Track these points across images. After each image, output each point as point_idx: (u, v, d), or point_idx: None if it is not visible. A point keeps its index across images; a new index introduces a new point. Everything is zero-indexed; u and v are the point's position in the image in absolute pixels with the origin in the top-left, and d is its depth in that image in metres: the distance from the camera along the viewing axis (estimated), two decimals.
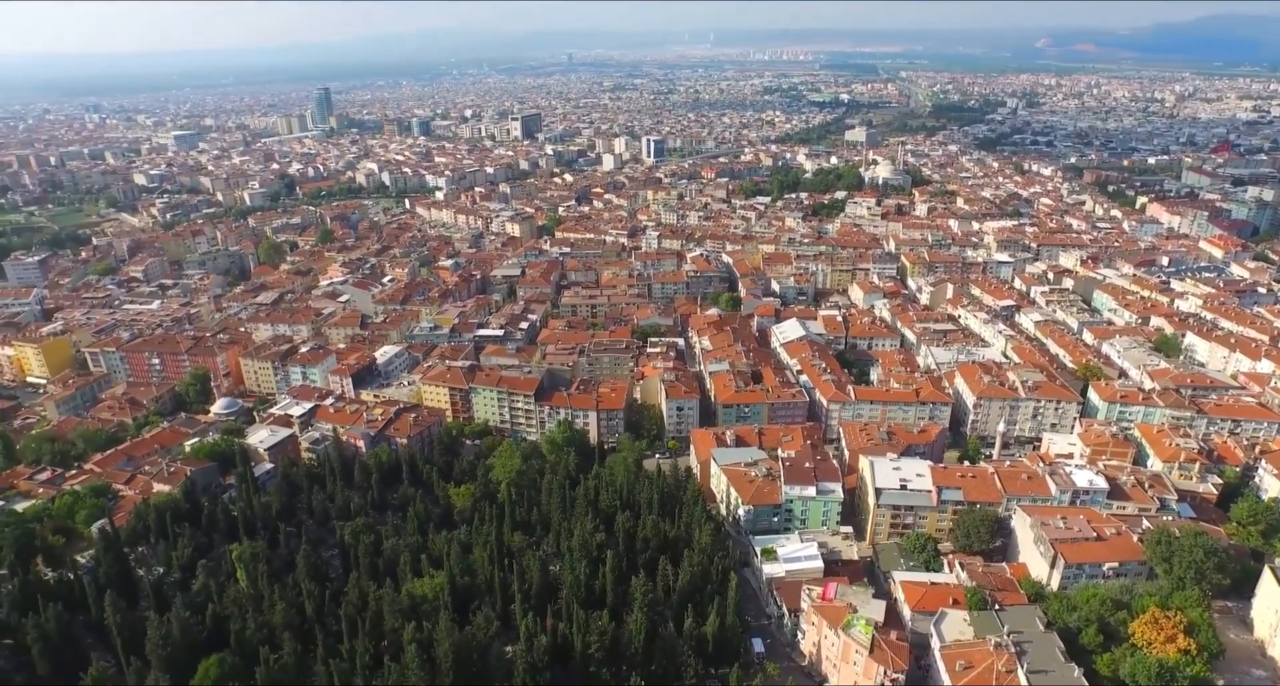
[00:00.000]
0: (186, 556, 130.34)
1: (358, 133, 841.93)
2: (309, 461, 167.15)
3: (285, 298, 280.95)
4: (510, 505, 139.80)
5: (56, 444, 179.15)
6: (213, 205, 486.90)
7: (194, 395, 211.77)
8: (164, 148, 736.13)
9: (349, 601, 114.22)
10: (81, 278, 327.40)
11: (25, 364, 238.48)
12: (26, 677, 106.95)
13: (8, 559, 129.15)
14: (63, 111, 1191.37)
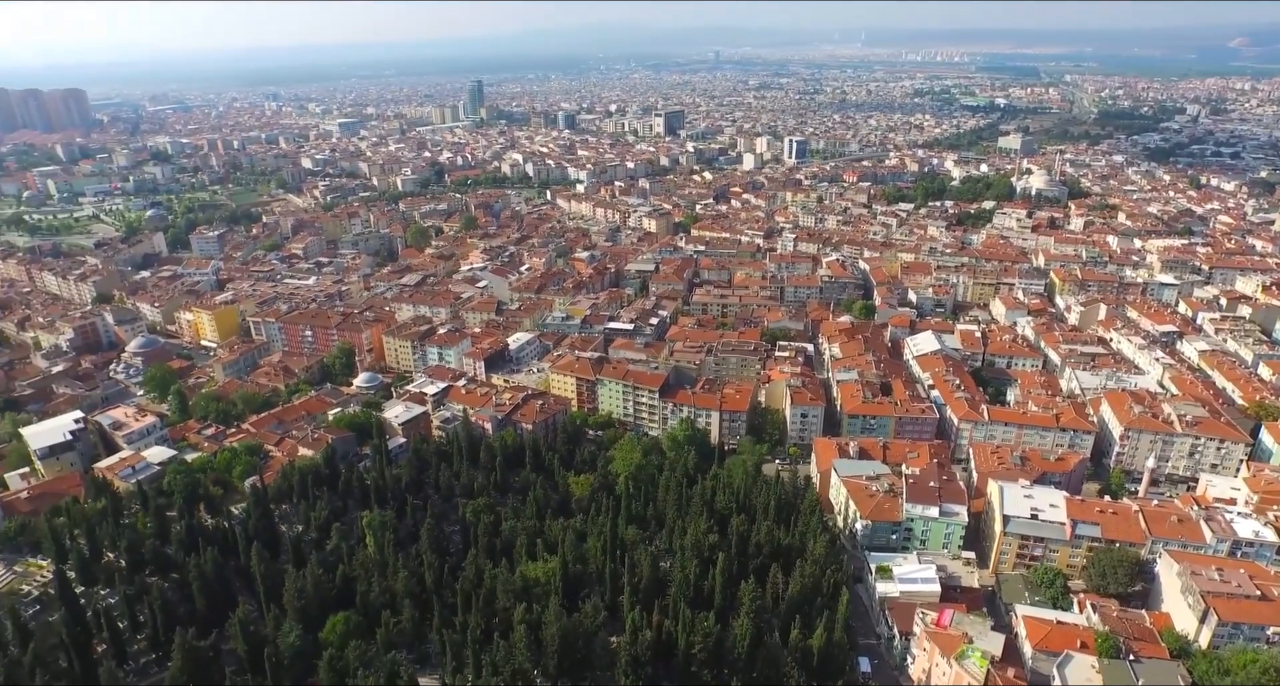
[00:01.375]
0: (323, 518, 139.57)
1: (506, 124, 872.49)
2: (439, 439, 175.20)
3: (428, 280, 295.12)
4: (627, 498, 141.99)
5: (221, 403, 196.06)
6: (368, 189, 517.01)
7: (339, 367, 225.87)
8: (329, 134, 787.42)
9: (466, 577, 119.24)
10: (251, 252, 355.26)
11: (201, 328, 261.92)
12: (187, 609, 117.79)
13: (178, 503, 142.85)
14: (248, 100, 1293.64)
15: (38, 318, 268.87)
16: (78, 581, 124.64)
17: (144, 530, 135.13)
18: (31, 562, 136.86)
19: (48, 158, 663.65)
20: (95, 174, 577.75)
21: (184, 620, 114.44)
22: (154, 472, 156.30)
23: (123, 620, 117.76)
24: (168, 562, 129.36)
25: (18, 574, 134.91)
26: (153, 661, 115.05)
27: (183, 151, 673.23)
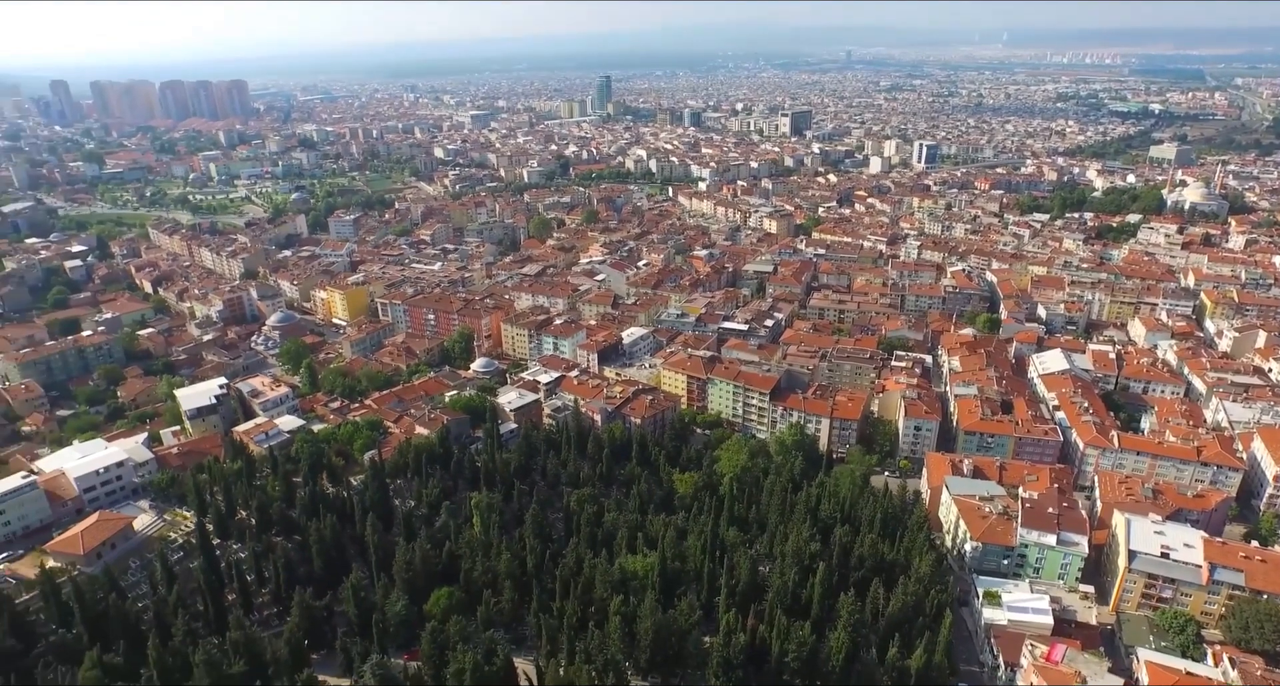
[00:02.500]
0: (434, 495, 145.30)
1: (631, 120, 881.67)
2: (549, 427, 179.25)
3: (548, 271, 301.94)
4: (730, 499, 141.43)
5: (347, 379, 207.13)
6: (495, 180, 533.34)
7: (458, 351, 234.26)
8: (461, 125, 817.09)
9: (566, 564, 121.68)
10: (383, 237, 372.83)
11: (333, 306, 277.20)
12: (306, 570, 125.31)
13: (304, 470, 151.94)
14: (388, 91, 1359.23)
15: (194, 289, 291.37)
16: (215, 534, 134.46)
17: (273, 492, 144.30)
18: (178, 513, 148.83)
19: (211, 143, 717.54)
20: (250, 158, 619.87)
21: (303, 580, 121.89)
22: (284, 440, 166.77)
23: (250, 574, 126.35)
24: (291, 525, 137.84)
25: (167, 522, 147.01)
26: (274, 614, 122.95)
27: (327, 139, 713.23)
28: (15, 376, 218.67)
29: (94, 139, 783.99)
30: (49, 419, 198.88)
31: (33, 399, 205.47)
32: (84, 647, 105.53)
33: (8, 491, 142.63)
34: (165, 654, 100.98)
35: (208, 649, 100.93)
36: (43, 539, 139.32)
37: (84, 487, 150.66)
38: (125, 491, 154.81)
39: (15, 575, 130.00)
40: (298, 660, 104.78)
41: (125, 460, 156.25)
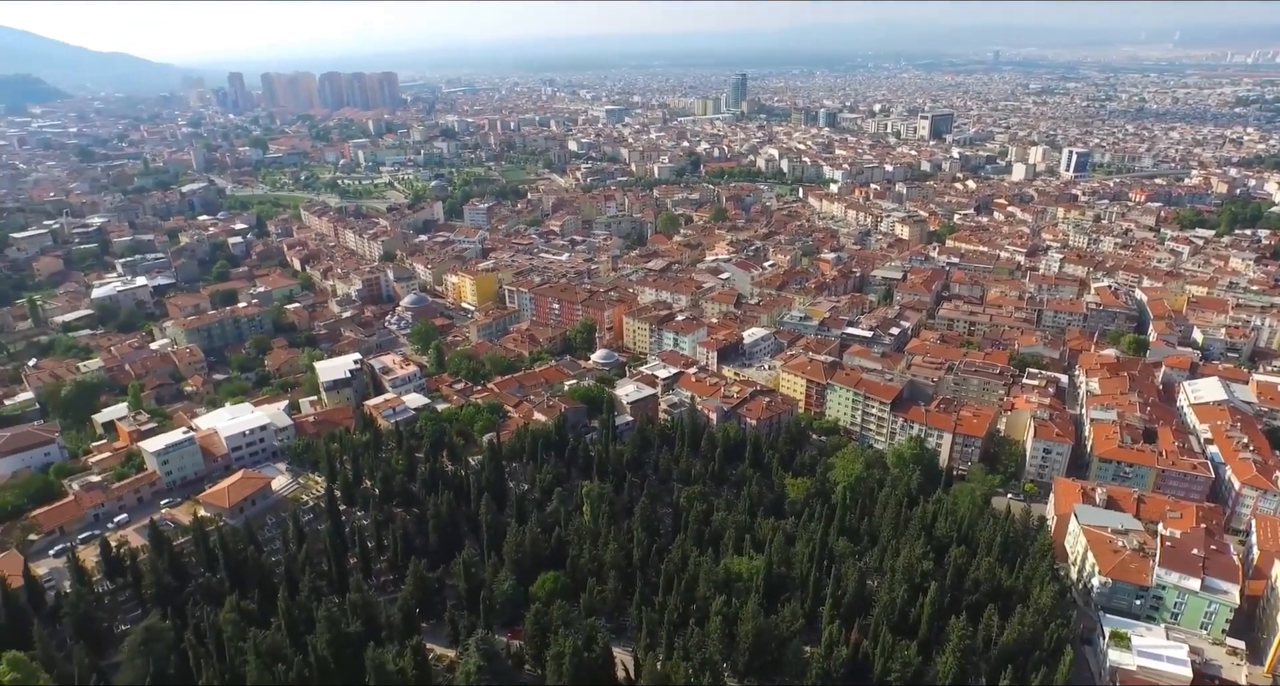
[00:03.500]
0: (547, 481, 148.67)
1: (765, 118, 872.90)
2: (664, 422, 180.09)
3: (673, 267, 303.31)
4: (843, 509, 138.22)
5: (472, 362, 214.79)
6: (626, 175, 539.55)
7: (580, 342, 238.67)
8: (595, 120, 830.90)
9: (671, 559, 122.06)
10: (514, 226, 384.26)
11: (463, 291, 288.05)
12: (422, 542, 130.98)
13: (426, 446, 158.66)
14: (527, 85, 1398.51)
15: (337, 269, 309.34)
16: (342, 500, 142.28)
17: (396, 466, 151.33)
18: (311, 477, 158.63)
19: (361, 131, 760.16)
20: (395, 146, 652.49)
21: (418, 551, 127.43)
22: (409, 416, 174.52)
23: (371, 540, 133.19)
24: (411, 498, 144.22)
25: (300, 485, 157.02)
26: (390, 581, 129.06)
27: (467, 130, 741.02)
28: (182, 341, 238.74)
29: (260, 126, 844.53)
30: (207, 381, 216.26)
31: (195, 362, 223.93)
32: (225, 592, 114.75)
33: (171, 444, 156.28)
34: (293, 606, 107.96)
35: (329, 607, 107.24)
36: (196, 490, 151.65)
37: (232, 447, 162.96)
38: (266, 453, 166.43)
39: (174, 519, 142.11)
40: (409, 626, 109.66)
41: (268, 424, 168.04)
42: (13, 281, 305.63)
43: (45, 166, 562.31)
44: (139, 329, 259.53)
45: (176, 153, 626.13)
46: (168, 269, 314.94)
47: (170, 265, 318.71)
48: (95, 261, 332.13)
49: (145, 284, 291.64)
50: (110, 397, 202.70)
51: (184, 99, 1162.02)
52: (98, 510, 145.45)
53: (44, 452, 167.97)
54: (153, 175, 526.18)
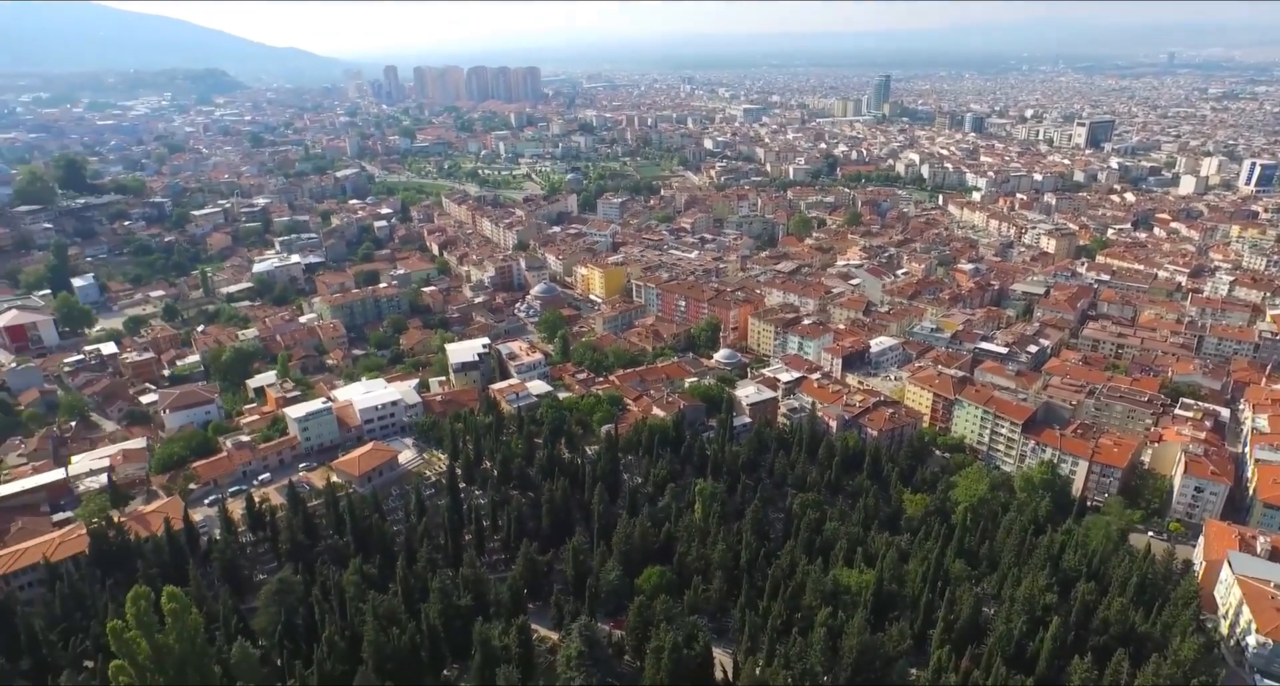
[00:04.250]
0: (661, 476, 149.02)
1: (907, 122, 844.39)
2: (782, 426, 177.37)
3: (802, 270, 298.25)
4: (962, 530, 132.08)
5: (595, 353, 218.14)
6: (760, 174, 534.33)
7: (704, 340, 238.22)
8: (733, 119, 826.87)
9: (779, 565, 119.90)
10: (646, 222, 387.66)
11: (592, 283, 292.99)
12: (534, 526, 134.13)
13: (545, 433, 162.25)
14: (666, 81, 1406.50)
15: (472, 255, 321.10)
16: (462, 478, 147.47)
17: (515, 449, 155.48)
18: (435, 454, 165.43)
19: (503, 123, 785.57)
20: (534, 139, 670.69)
21: (530, 534, 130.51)
22: (532, 402, 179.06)
23: (486, 519, 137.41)
24: (528, 481, 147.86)
25: (424, 460, 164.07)
26: (501, 561, 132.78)
27: (605, 125, 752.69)
28: (327, 316, 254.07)
29: (410, 116, 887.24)
30: (346, 355, 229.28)
31: (337, 337, 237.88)
32: (350, 554, 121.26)
33: (311, 412, 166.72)
34: (409, 575, 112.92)
35: (443, 579, 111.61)
36: (330, 457, 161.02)
37: (365, 419, 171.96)
38: (395, 428, 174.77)
39: (309, 482, 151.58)
40: (516, 605, 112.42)
41: (399, 400, 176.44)
42: (190, 254, 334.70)
43: (223, 151, 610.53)
44: (290, 303, 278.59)
45: (334, 140, 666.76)
46: (319, 248, 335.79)
47: (321, 245, 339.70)
48: (258, 239, 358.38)
49: (299, 261, 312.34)
50: (262, 365, 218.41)
51: (344, 90, 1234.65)
52: (246, 467, 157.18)
53: (205, 411, 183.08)
54: (312, 160, 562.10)
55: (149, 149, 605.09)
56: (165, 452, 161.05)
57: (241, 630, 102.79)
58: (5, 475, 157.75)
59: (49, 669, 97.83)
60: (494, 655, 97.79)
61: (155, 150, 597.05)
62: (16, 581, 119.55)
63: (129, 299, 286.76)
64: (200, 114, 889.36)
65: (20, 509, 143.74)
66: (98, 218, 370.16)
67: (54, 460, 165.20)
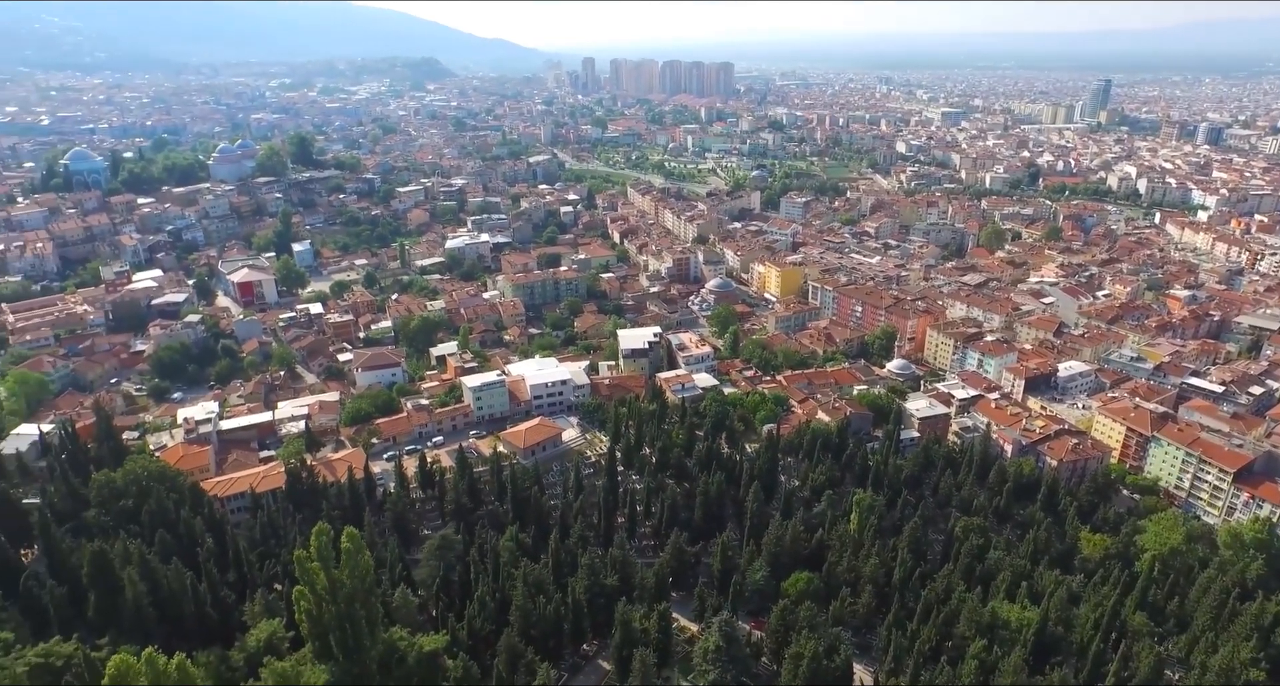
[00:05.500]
0: (819, 482, 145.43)
1: (1126, 131, 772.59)
2: (952, 444, 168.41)
3: (989, 284, 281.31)
4: (1148, 580, 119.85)
5: (764, 352, 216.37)
6: (953, 181, 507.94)
7: (877, 348, 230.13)
8: (929, 122, 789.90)
9: (934, 588, 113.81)
10: (828, 223, 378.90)
11: (767, 281, 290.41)
12: (686, 517, 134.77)
13: (707, 426, 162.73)
14: (862, 81, 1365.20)
15: (652, 245, 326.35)
16: (621, 462, 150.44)
17: (676, 439, 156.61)
18: (597, 435, 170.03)
19: (693, 117, 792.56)
20: (722, 135, 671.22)
21: (682, 524, 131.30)
22: (696, 394, 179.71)
23: (640, 505, 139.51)
24: (684, 472, 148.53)
25: (587, 440, 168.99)
26: (650, 546, 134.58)
27: (794, 123, 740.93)
28: (509, 294, 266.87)
29: (603, 107, 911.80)
30: (523, 333, 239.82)
31: (516, 315, 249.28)
32: (508, 522, 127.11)
33: (486, 383, 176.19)
34: (561, 549, 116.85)
35: (592, 556, 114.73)
36: (499, 427, 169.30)
37: (534, 395, 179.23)
38: (562, 406, 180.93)
39: (477, 449, 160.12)
40: (660, 592, 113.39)
41: (568, 380, 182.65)
42: (392, 228, 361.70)
43: (429, 134, 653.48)
44: (477, 279, 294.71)
45: (530, 127, 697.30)
46: (507, 229, 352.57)
47: (510, 226, 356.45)
48: (452, 217, 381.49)
49: (487, 240, 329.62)
50: (445, 335, 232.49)
51: (543, 80, 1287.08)
52: (422, 428, 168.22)
53: (392, 373, 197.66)
54: (508, 146, 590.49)
55: (366, 130, 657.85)
56: (354, 407, 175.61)
57: (404, 578, 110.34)
58: (227, 413, 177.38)
59: (248, 584, 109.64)
60: (633, 637, 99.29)
61: (371, 131, 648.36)
62: (229, 505, 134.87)
63: (336, 265, 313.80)
64: (412, 99, 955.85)
65: (236, 443, 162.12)
66: (318, 190, 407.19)
67: (264, 404, 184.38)
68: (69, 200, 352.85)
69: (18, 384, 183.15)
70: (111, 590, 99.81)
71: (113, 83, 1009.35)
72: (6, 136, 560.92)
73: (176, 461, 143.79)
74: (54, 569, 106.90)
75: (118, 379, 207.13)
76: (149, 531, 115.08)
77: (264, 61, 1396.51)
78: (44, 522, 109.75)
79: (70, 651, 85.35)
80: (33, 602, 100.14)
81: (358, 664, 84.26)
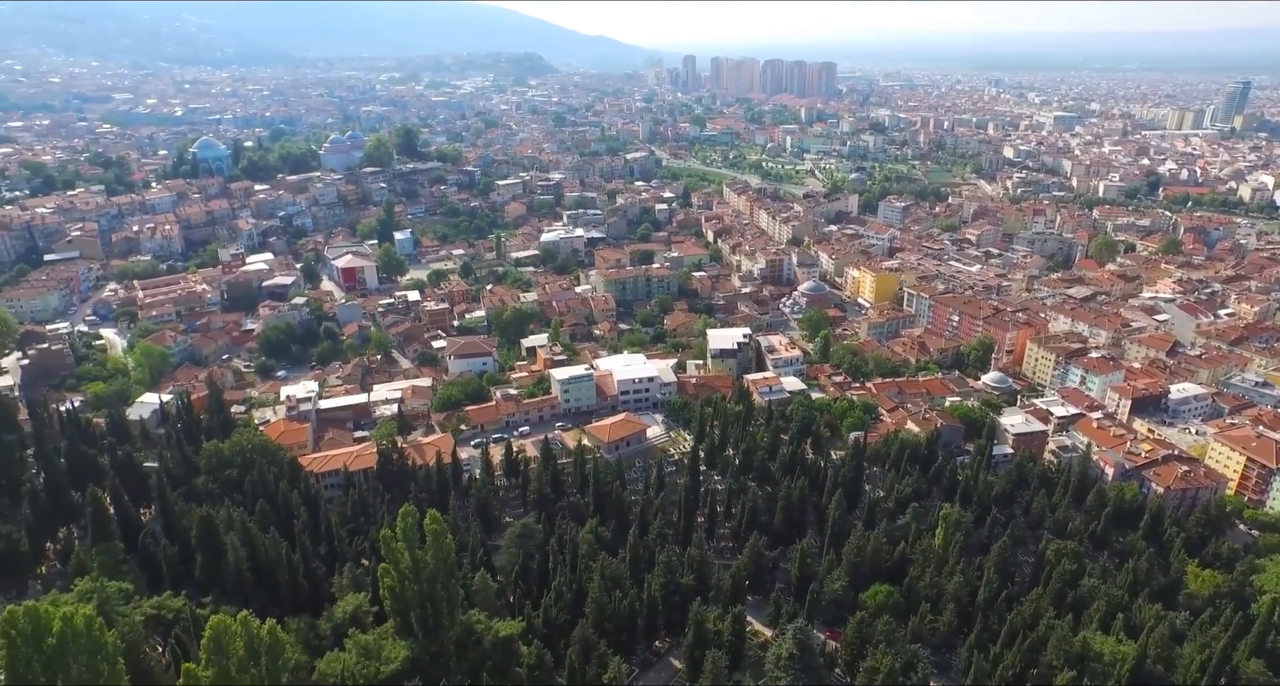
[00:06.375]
0: (905, 494, 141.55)
1: (1265, 138, 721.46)
2: (1048, 463, 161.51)
3: (1098, 297, 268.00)
4: (1265, 624, 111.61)
5: (855, 358, 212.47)
6: (1064, 189, 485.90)
7: (973, 359, 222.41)
8: (1040, 126, 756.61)
9: (1020, 612, 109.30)
10: (928, 229, 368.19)
11: (862, 286, 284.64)
12: (766, 520, 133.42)
13: (793, 430, 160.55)
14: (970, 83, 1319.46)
15: (745, 246, 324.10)
16: (703, 462, 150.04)
17: (760, 442, 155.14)
18: (681, 434, 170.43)
19: (792, 117, 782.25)
20: (822, 136, 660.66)
21: (761, 527, 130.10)
22: (784, 398, 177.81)
23: (720, 506, 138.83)
24: (766, 475, 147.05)
25: (670, 438, 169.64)
26: (728, 548, 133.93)
27: (897, 125, 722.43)
28: (601, 289, 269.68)
29: (702, 105, 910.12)
30: (613, 328, 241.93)
31: (606, 310, 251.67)
32: (588, 514, 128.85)
33: (574, 376, 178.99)
34: (639, 545, 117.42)
35: (670, 554, 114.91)
36: (584, 420, 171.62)
37: (621, 390, 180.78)
38: (648, 403, 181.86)
39: (562, 441, 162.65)
40: (735, 595, 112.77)
41: (655, 377, 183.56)
42: (489, 219, 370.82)
43: (529, 128, 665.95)
44: (570, 273, 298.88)
45: (628, 124, 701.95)
46: (601, 224, 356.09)
47: (604, 221, 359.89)
48: (548, 211, 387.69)
49: (582, 235, 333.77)
50: (536, 327, 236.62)
51: (643, 77, 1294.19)
52: (509, 418, 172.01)
53: (483, 362, 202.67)
54: (606, 142, 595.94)
55: (469, 123, 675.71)
56: (445, 394, 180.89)
57: (484, 563, 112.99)
58: (325, 392, 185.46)
59: (337, 557, 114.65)
60: (706, 637, 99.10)
61: (474, 125, 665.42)
62: (323, 481, 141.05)
63: (435, 254, 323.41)
64: (514, 94, 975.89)
65: (333, 422, 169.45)
66: (421, 181, 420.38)
67: (361, 386, 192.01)
68: (195, 186, 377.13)
69: (144, 356, 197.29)
70: (216, 553, 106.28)
71: (238, 76, 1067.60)
72: (146, 126, 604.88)
73: (278, 436, 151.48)
74: (168, 529, 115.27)
75: (229, 355, 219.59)
76: (250, 501, 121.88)
77: (375, 56, 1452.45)
78: (160, 486, 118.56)
79: (179, 606, 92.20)
80: (149, 558, 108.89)
81: (436, 642, 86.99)
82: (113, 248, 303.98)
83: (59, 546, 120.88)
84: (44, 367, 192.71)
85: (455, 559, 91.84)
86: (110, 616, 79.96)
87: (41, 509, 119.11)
